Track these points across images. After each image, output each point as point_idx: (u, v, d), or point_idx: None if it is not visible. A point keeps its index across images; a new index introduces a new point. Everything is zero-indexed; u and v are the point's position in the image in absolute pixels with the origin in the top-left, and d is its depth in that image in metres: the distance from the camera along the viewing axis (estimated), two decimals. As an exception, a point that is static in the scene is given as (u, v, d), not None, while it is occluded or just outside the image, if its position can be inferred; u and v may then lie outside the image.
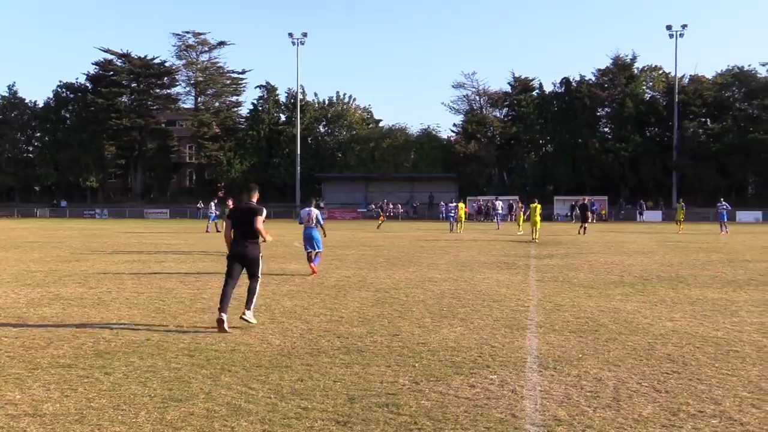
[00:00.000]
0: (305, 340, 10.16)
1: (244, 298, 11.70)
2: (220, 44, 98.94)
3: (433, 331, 10.85)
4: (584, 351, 9.46)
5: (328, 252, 27.12)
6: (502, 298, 14.46)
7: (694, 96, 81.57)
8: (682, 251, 27.81)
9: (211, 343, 9.92)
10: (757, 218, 72.21)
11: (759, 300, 14.31)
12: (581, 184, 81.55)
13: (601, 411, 6.84)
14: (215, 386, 7.67)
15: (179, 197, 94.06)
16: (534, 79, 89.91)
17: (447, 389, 7.58)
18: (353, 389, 7.56)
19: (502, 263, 22.57)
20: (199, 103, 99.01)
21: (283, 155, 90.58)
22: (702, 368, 8.52)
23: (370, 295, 14.94)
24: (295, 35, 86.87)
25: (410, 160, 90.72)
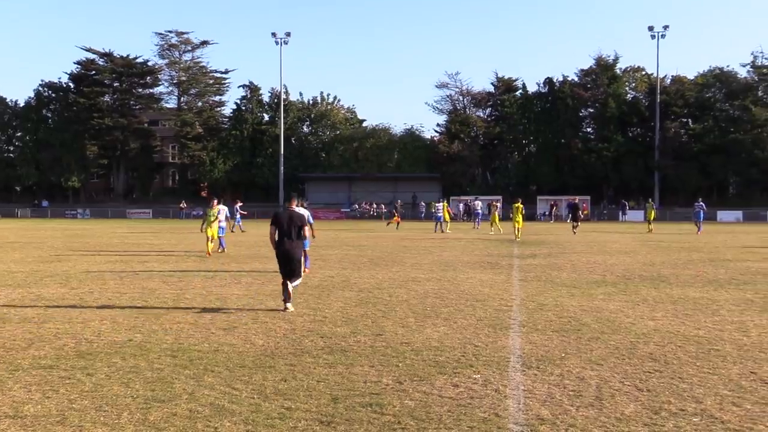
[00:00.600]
0: (289, 340, 10.14)
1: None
2: (203, 44, 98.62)
3: (417, 330, 10.86)
4: (567, 350, 9.50)
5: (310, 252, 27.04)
6: (486, 298, 14.49)
7: (675, 96, 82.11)
8: (664, 251, 27.98)
9: (194, 343, 9.89)
10: (737, 218, 72.76)
11: (739, 299, 14.43)
12: (564, 184, 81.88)
13: (583, 410, 6.88)
14: (198, 387, 7.64)
15: (162, 197, 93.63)
16: (517, 79, 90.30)
17: (430, 389, 7.59)
18: (337, 389, 7.56)
19: (486, 263, 22.62)
20: (182, 102, 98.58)
21: (266, 155, 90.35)
22: (683, 367, 8.58)
23: (353, 295, 14.94)
24: (278, 35, 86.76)
25: (394, 160, 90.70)
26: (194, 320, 11.73)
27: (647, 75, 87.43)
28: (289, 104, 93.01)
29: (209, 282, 17.27)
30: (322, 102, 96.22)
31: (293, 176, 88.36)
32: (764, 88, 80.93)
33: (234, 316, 12.15)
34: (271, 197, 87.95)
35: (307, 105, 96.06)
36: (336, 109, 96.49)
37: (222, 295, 14.95)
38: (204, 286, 16.49)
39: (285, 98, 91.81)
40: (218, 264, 22.09)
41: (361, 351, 9.42)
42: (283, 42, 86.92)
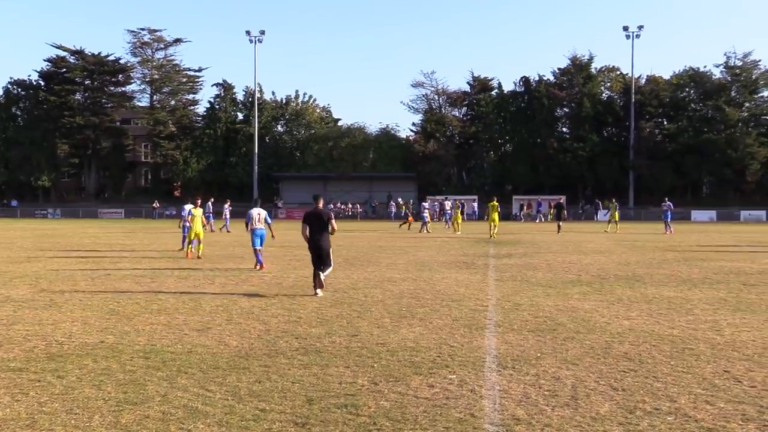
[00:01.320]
0: (263, 341, 10.12)
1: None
2: (176, 41, 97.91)
3: (392, 331, 10.87)
4: (543, 350, 9.55)
5: (285, 252, 27.09)
6: (461, 298, 14.54)
7: (650, 96, 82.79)
8: (639, 250, 28.22)
9: (168, 344, 9.83)
10: (711, 218, 73.50)
11: (713, 298, 14.58)
12: (540, 184, 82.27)
13: (559, 410, 6.92)
14: (171, 388, 7.60)
15: (134, 197, 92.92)
16: (493, 78, 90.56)
17: (406, 389, 7.60)
18: (312, 390, 7.55)
19: (461, 263, 22.69)
20: (154, 101, 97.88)
21: (240, 154, 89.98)
22: (658, 366, 8.66)
23: (328, 295, 14.92)
24: (252, 33, 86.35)
25: (369, 159, 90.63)
26: (167, 321, 11.66)
27: (622, 75, 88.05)
28: (263, 103, 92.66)
29: (183, 282, 17.18)
30: (296, 101, 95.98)
31: (267, 176, 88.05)
32: (737, 88, 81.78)
33: (208, 317, 12.09)
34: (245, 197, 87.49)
35: (281, 104, 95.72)
36: (311, 108, 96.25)
37: (196, 295, 14.87)
38: (177, 286, 16.40)
39: (259, 97, 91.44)
40: (192, 264, 21.97)
41: (336, 352, 9.41)
42: (257, 40, 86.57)
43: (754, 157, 76.95)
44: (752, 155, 76.85)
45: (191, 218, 24.29)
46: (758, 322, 11.76)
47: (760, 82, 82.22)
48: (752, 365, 8.72)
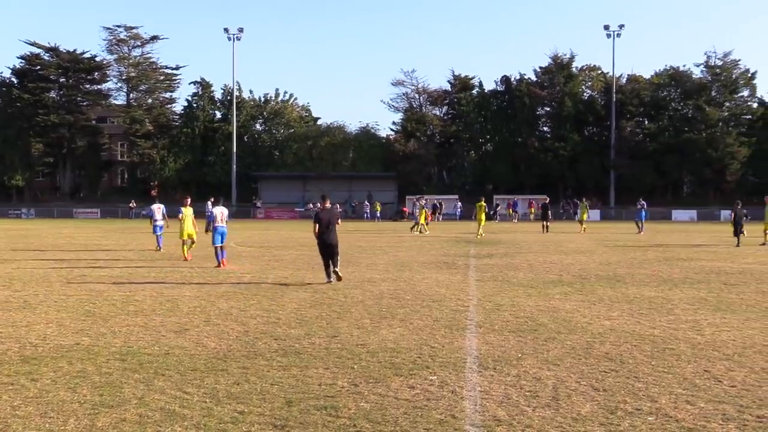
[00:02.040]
0: (242, 342, 10.08)
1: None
2: (153, 39, 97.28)
3: (372, 332, 10.87)
4: (524, 351, 9.59)
5: (264, 252, 27.04)
6: (442, 299, 14.56)
7: (631, 96, 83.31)
8: (620, 250, 28.38)
9: (144, 346, 9.77)
10: (692, 217, 74.02)
11: (693, 298, 14.70)
12: (521, 184, 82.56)
13: (540, 410, 6.95)
14: (148, 391, 7.55)
15: (110, 196, 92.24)
16: (474, 77, 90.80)
17: (386, 391, 7.60)
18: (291, 392, 7.53)
19: (442, 263, 22.73)
20: (131, 99, 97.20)
21: (218, 153, 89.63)
22: (639, 366, 8.72)
23: (308, 296, 14.90)
24: (231, 30, 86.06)
25: (349, 158, 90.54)
26: (144, 323, 11.60)
27: (603, 74, 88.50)
28: (242, 101, 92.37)
29: (160, 283, 17.09)
30: (276, 99, 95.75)
31: (246, 175, 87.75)
32: (717, 88, 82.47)
33: (186, 318, 12.04)
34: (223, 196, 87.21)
35: (260, 102, 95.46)
36: (290, 107, 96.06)
37: (173, 296, 14.80)
38: (154, 287, 16.32)
39: (238, 95, 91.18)
40: (169, 264, 21.86)
41: (315, 353, 9.40)
42: (235, 38, 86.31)
43: (734, 157, 77.60)
44: (732, 155, 77.51)
45: (182, 218, 23.98)
46: (738, 321, 11.87)
47: (740, 82, 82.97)
48: (732, 365, 8.80)
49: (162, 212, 29.07)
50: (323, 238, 17.20)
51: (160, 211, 28.95)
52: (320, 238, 17.22)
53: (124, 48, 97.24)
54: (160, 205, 29.53)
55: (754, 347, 9.82)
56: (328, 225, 17.31)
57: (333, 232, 17.39)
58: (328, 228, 17.28)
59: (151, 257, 24.73)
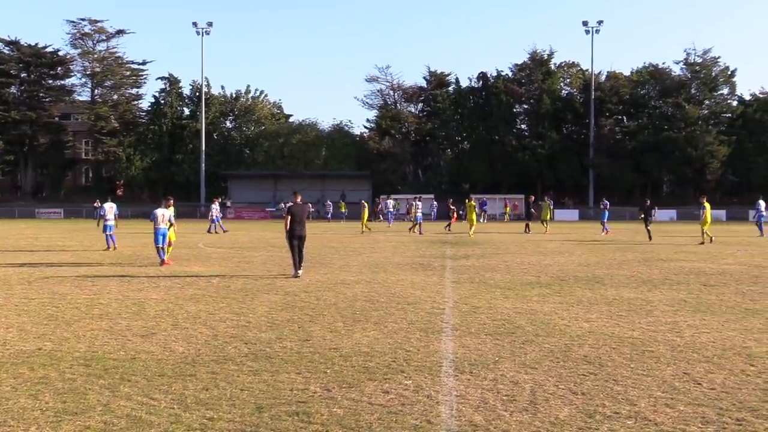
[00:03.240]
0: (211, 346, 10.04)
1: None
2: (118, 33, 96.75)
3: (346, 335, 10.87)
4: (501, 354, 9.62)
5: (234, 254, 26.95)
6: (417, 301, 14.58)
7: (610, 93, 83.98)
8: (599, 251, 28.58)
9: (110, 351, 9.70)
10: (672, 217, 74.66)
11: (673, 299, 14.84)
12: (498, 183, 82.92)
13: (517, 415, 6.98)
14: (114, 397, 7.50)
15: (74, 196, 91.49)
16: (450, 73, 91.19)
17: (360, 396, 7.60)
18: (262, 398, 7.51)
19: (417, 264, 22.76)
20: (96, 95, 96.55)
21: (186, 151, 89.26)
22: (618, 369, 8.78)
23: (279, 298, 14.86)
24: (199, 24, 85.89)
25: (321, 157, 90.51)
26: (109, 327, 11.51)
27: (582, 71, 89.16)
28: (211, 98, 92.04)
29: (125, 286, 16.97)
30: (246, 96, 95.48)
31: (215, 174, 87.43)
32: (697, 85, 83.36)
33: (152, 322, 11.97)
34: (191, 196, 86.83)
35: (230, 99, 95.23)
36: (261, 104, 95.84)
37: (139, 299, 14.70)
38: (120, 290, 16.20)
39: (207, 91, 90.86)
40: (136, 266, 21.73)
41: (287, 357, 9.38)
42: (204, 32, 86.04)
43: (714, 156, 78.46)
44: (712, 153, 78.36)
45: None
46: (718, 323, 12.00)
47: (719, 80, 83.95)
48: (712, 367, 8.89)
49: (114, 212, 29.78)
50: (294, 229, 18.83)
51: (112, 210, 29.65)
52: (291, 231, 18.81)
53: (89, 42, 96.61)
54: (112, 205, 30.41)
55: (733, 349, 9.93)
56: (300, 219, 19.00)
57: (304, 226, 19.14)
58: (299, 222, 18.94)
59: (117, 259, 24.54)
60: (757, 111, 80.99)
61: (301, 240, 19.07)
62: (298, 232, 18.95)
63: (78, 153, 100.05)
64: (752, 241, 36.14)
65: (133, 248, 27.49)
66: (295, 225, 18.94)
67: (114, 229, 29.02)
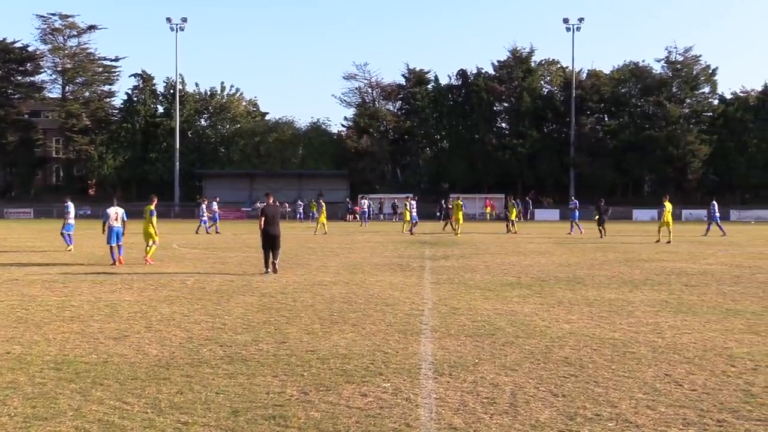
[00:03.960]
0: (185, 349, 10.00)
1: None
2: (90, 28, 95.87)
3: (323, 337, 10.86)
4: (481, 356, 9.65)
5: (209, 254, 26.86)
6: (396, 302, 14.59)
7: (591, 91, 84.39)
8: (580, 251, 28.73)
9: (81, 354, 9.64)
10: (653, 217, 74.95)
11: (654, 300, 14.94)
12: (478, 182, 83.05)
13: (497, 417, 7.00)
14: (85, 402, 7.45)
15: (44, 195, 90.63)
16: (429, 71, 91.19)
17: (338, 399, 7.60)
18: (237, 401, 7.49)
19: (396, 265, 22.78)
20: (66, 92, 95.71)
21: (160, 150, 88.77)
22: (599, 371, 8.83)
23: (255, 300, 14.83)
24: (173, 20, 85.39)
25: (298, 155, 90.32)
26: (81, 329, 11.44)
27: (562, 69, 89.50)
28: (185, 95, 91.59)
29: (98, 287, 16.86)
30: (221, 93, 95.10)
31: (190, 173, 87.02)
32: (678, 84, 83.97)
33: (125, 325, 11.90)
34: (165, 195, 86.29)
35: (205, 96, 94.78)
36: (237, 101, 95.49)
37: (112, 301, 14.62)
38: (92, 292, 16.10)
39: (181, 89, 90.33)
40: (108, 267, 21.59)
41: (263, 360, 9.36)
42: (179, 28, 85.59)
43: (695, 155, 79.04)
44: (693, 153, 78.94)
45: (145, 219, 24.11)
46: (699, 323, 12.10)
47: (700, 78, 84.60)
48: (693, 368, 8.96)
49: (74, 212, 30.17)
50: (267, 230, 19.89)
51: (73, 209, 30.10)
52: (264, 230, 19.92)
53: (59, 38, 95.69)
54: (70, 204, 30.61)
55: (714, 350, 10.02)
56: (273, 219, 20.03)
57: (277, 225, 20.09)
58: (272, 222, 19.97)
59: (89, 260, 24.38)
60: (738, 110, 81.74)
61: (275, 239, 19.95)
62: (271, 231, 19.90)
63: (48, 151, 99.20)
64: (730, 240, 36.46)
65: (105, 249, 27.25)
66: (268, 225, 19.88)
67: (74, 228, 29.44)
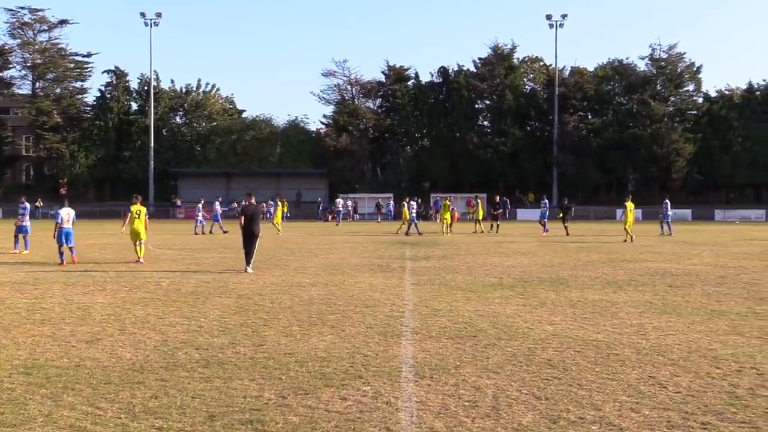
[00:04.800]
0: (160, 352, 9.95)
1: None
2: (61, 23, 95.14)
3: (302, 340, 10.84)
4: (462, 358, 9.67)
5: (185, 255, 26.78)
6: (376, 304, 14.60)
7: (574, 89, 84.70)
8: (563, 251, 28.84)
9: (52, 358, 9.57)
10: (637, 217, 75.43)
11: (638, 301, 15.03)
12: (459, 181, 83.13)
13: (479, 421, 7.01)
14: (56, 407, 7.40)
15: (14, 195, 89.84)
16: (409, 68, 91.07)
17: (316, 403, 7.59)
18: (214, 405, 7.46)
19: (376, 266, 22.78)
20: (37, 88, 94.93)
21: (134, 148, 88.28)
22: (582, 373, 8.87)
23: (231, 302, 14.79)
24: (148, 15, 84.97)
25: (276, 154, 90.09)
26: (52, 333, 11.36)
27: (545, 66, 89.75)
28: (160, 92, 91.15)
29: (69, 289, 16.76)
30: (197, 90, 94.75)
31: (165, 172, 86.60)
32: (662, 82, 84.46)
33: (98, 327, 11.83)
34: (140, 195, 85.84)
35: (180, 93, 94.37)
36: (213, 99, 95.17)
37: (84, 303, 14.53)
38: (63, 294, 15.99)
39: (155, 85, 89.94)
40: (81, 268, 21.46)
41: (240, 363, 9.33)
42: (153, 23, 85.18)
43: (680, 154, 79.51)
44: (677, 151, 79.40)
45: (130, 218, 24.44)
46: (683, 325, 12.18)
47: (685, 76, 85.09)
48: (677, 370, 9.02)
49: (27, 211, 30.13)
50: (248, 228, 21.03)
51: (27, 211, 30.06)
52: (245, 229, 21.07)
53: (29, 32, 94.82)
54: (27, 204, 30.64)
55: (699, 351, 10.09)
56: (252, 218, 21.14)
57: (257, 224, 21.24)
58: (252, 220, 21.08)
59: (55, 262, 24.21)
60: (723, 108, 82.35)
61: (254, 237, 21.10)
62: (250, 230, 21.01)
63: (18, 149, 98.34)
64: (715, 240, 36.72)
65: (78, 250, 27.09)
66: (248, 223, 20.99)
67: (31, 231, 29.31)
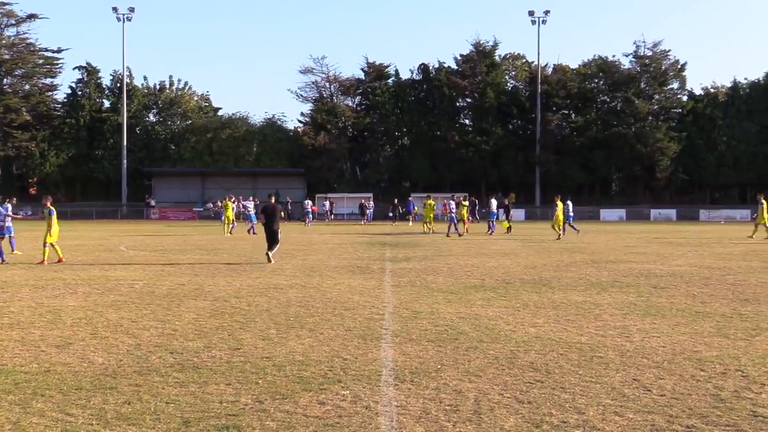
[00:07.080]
0: (133, 357, 9.90)
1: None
2: (30, 17, 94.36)
3: (279, 343, 10.82)
4: (443, 361, 9.68)
5: (159, 257, 26.67)
6: (355, 306, 14.59)
7: (557, 86, 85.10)
8: (546, 252, 28.95)
9: (21, 363, 9.50)
10: (621, 217, 76.06)
11: (622, 302, 15.10)
12: (440, 181, 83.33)
13: (461, 425, 7.03)
14: (25, 414, 7.34)
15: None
16: (390, 65, 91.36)
17: (294, 408, 7.58)
18: (189, 411, 7.43)
19: (355, 267, 22.78)
20: (4, 85, 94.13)
21: (107, 147, 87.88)
22: (565, 376, 8.90)
23: (207, 304, 14.74)
24: (120, 10, 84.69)
25: (253, 153, 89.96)
26: (21, 337, 11.27)
27: (528, 63, 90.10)
28: (133, 89, 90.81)
29: (39, 292, 16.64)
30: (171, 87, 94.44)
31: (138, 171, 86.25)
32: (647, 79, 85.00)
33: (69, 331, 11.75)
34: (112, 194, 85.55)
35: (154, 90, 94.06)
36: (187, 96, 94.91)
37: (55, 306, 14.43)
38: (33, 296, 15.88)
39: (128, 82, 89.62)
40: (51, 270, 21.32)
41: (216, 367, 9.30)
42: (126, 18, 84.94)
43: (664, 153, 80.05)
44: (662, 150, 79.94)
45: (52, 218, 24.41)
46: (668, 326, 12.25)
47: (669, 74, 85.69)
48: (662, 372, 9.07)
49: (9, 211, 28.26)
50: (268, 225, 24.27)
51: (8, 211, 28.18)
52: (265, 226, 24.38)
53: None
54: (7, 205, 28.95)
55: (683, 353, 10.15)
56: (272, 215, 24.32)
57: (276, 222, 24.31)
58: (273, 219, 24.22)
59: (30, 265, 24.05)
60: (707, 107, 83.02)
61: (274, 233, 24.08)
62: (270, 226, 24.17)
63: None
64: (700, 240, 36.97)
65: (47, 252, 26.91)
66: (268, 221, 24.24)
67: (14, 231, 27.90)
